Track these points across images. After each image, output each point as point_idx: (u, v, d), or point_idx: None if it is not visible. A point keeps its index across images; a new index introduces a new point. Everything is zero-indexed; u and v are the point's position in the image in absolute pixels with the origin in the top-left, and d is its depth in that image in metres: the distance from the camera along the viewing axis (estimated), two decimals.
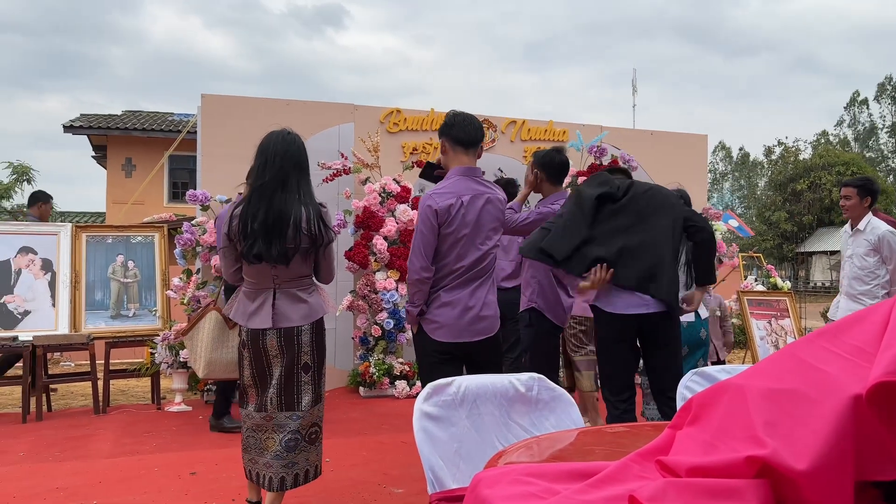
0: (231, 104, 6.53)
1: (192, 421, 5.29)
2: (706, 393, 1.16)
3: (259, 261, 2.73)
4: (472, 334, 3.06)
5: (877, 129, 50.08)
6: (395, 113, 7.08)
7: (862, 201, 4.73)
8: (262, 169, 2.78)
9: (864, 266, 4.67)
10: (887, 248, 4.58)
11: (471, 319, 3.04)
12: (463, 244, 3.02)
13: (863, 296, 4.68)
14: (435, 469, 1.65)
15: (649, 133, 8.23)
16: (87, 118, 18.46)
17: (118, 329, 5.96)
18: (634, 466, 1.11)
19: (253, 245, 2.71)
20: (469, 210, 3.02)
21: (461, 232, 3.00)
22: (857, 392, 0.92)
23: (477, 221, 3.03)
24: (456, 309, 3.03)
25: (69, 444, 4.60)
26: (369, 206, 6.29)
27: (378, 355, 6.27)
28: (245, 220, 2.74)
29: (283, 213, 2.73)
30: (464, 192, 3.05)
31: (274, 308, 2.79)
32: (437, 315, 3.05)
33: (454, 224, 2.99)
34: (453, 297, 3.04)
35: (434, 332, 3.06)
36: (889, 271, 4.61)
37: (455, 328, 3.04)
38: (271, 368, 2.81)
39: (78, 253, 6.01)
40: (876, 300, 4.57)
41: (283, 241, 2.72)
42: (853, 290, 4.75)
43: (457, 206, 3.01)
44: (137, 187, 11.83)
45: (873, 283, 4.64)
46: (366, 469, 4.01)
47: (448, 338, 3.04)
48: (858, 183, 4.81)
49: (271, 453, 2.79)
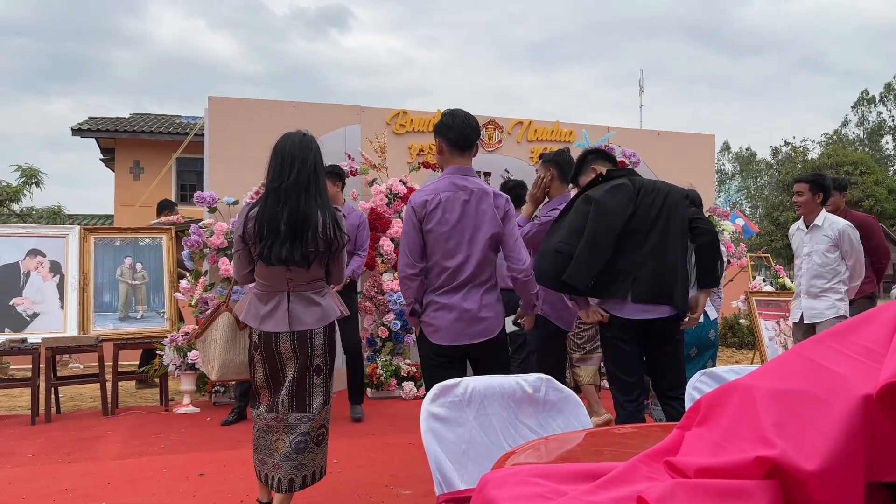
0: (238, 106, 6.56)
1: (200, 422, 5.31)
2: (715, 393, 1.16)
3: (282, 263, 2.73)
4: (470, 337, 3.03)
5: (884, 127, 49.86)
6: (402, 114, 7.09)
7: (814, 197, 4.64)
8: (280, 171, 2.78)
9: (826, 263, 4.56)
10: (847, 243, 4.49)
11: (468, 322, 3.01)
12: (449, 243, 2.99)
13: (825, 293, 4.58)
14: (443, 470, 1.65)
15: (656, 133, 8.22)
16: (95, 121, 18.55)
17: (126, 331, 5.99)
18: (643, 467, 1.10)
19: (272, 246, 2.71)
20: (449, 207, 2.99)
21: (442, 229, 2.97)
22: (867, 392, 0.91)
23: (460, 220, 2.99)
24: (452, 312, 3.01)
25: (78, 446, 4.62)
26: (376, 207, 6.30)
27: (385, 357, 6.28)
28: (262, 221, 2.74)
29: (307, 216, 2.73)
30: (444, 189, 3.02)
31: (289, 311, 2.79)
32: (434, 318, 3.03)
33: (433, 221, 2.97)
34: (448, 300, 3.01)
35: (432, 335, 3.05)
36: (849, 267, 4.53)
37: (451, 331, 3.02)
38: (285, 370, 2.82)
39: (86, 255, 6.04)
40: (838, 296, 4.52)
41: (305, 245, 2.72)
42: (814, 288, 4.63)
43: (433, 202, 2.98)
44: (145, 190, 11.88)
45: (835, 280, 4.54)
46: (373, 470, 4.01)
47: (445, 341, 3.02)
48: (810, 179, 4.73)
49: (280, 454, 2.80)
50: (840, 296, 4.53)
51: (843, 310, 4.53)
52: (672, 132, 8.32)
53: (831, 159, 37.03)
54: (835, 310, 4.54)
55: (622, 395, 3.27)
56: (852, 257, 4.50)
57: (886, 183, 36.68)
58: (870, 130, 50.26)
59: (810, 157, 40.78)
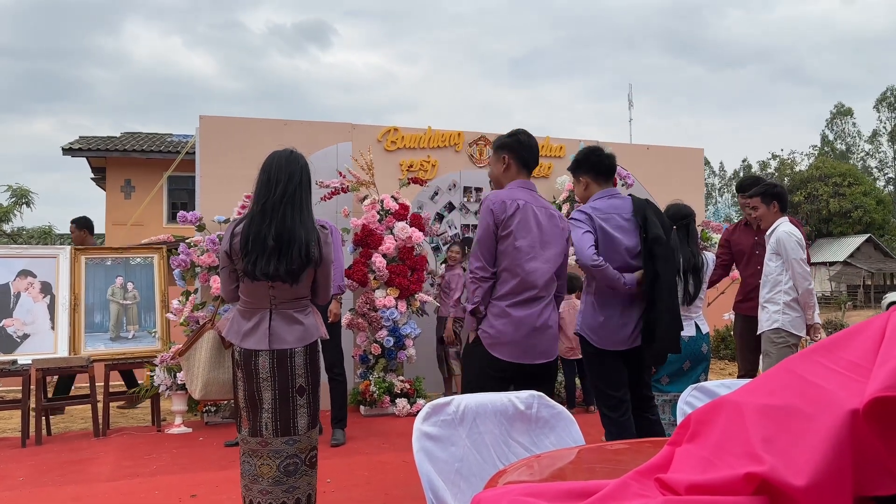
0: (229, 125, 6.57)
1: (192, 443, 5.27)
2: (704, 409, 1.16)
3: (267, 278, 2.71)
4: (534, 356, 2.98)
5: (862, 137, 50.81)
6: (393, 131, 7.12)
7: (769, 207, 4.48)
8: (266, 187, 2.77)
9: (768, 272, 4.39)
10: (783, 249, 4.28)
11: (537, 340, 2.96)
12: (525, 251, 2.97)
13: (767, 303, 4.37)
14: (435, 490, 1.64)
15: (645, 148, 8.27)
16: (86, 140, 18.54)
17: (118, 351, 5.95)
18: (634, 484, 1.10)
19: (257, 262, 2.69)
20: (527, 214, 2.99)
21: (520, 235, 2.96)
22: (853, 407, 0.92)
23: (536, 227, 3.00)
24: (521, 327, 2.95)
25: (69, 468, 4.58)
26: (368, 223, 6.30)
27: (378, 373, 6.25)
28: (248, 237, 2.73)
29: (293, 233, 2.72)
30: (520, 196, 3.04)
31: (270, 329, 2.77)
32: (499, 329, 2.97)
33: (511, 225, 2.96)
34: (519, 313, 2.95)
35: (493, 347, 2.97)
36: (790, 276, 4.27)
37: (518, 348, 2.95)
38: (261, 392, 2.74)
39: (77, 275, 6.01)
40: (776, 307, 4.29)
41: (291, 261, 2.71)
42: (762, 297, 4.45)
43: (511, 206, 2.98)
44: (137, 209, 11.85)
45: (776, 290, 4.32)
46: (367, 489, 3.99)
47: (509, 357, 2.95)
48: (761, 191, 4.57)
49: (267, 480, 2.74)
50: (778, 307, 4.30)
51: (779, 322, 4.28)
52: (661, 146, 8.38)
53: (819, 171, 37.30)
54: (770, 322, 4.33)
55: (610, 410, 3.27)
56: (789, 263, 4.26)
57: (874, 194, 36.98)
58: (846, 144, 51.06)
59: (798, 169, 41.07)
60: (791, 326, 4.27)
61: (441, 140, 7.29)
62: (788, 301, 4.29)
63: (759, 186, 4.69)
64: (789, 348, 4.26)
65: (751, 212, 4.80)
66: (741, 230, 5.23)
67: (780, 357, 4.17)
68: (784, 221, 4.42)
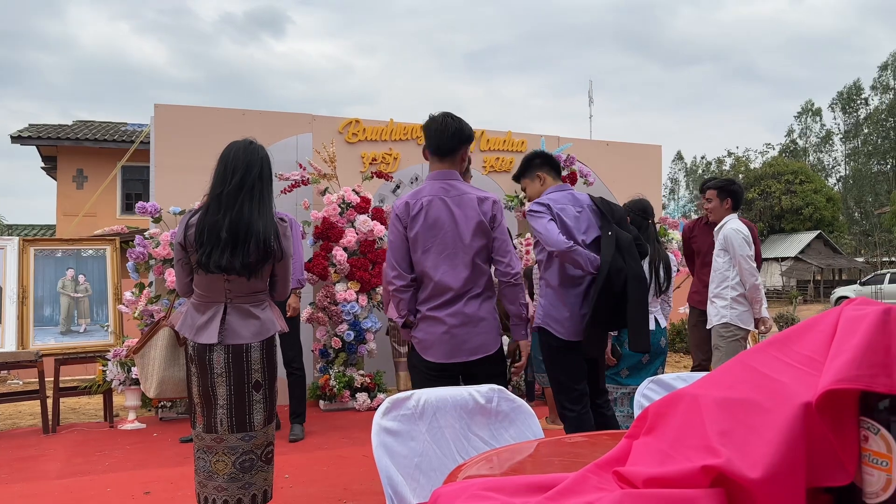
0: (185, 114, 6.43)
1: (145, 439, 5.16)
2: (662, 402, 1.17)
3: (222, 271, 2.64)
4: (467, 354, 2.89)
5: (832, 136, 52.36)
6: (354, 123, 7.06)
7: (722, 203, 4.58)
8: (223, 178, 2.70)
9: (716, 267, 4.48)
10: (730, 245, 4.36)
11: (462, 338, 2.86)
12: (436, 251, 2.86)
13: (716, 298, 4.46)
14: (394, 485, 1.63)
15: (605, 144, 8.36)
16: (35, 128, 17.96)
17: (68, 345, 5.79)
18: (592, 478, 1.11)
19: (211, 254, 2.62)
20: (431, 212, 2.86)
21: (427, 235, 2.85)
22: (807, 400, 0.94)
23: (448, 223, 2.86)
24: (443, 326, 2.87)
25: (17, 466, 4.44)
26: (328, 216, 6.23)
27: (338, 368, 6.21)
28: (202, 228, 2.65)
29: (250, 225, 2.65)
30: (426, 194, 2.90)
31: (223, 323, 2.68)
32: (425, 333, 2.90)
33: (416, 226, 2.86)
34: (440, 314, 2.87)
35: (424, 351, 2.91)
36: (737, 272, 4.35)
37: (444, 347, 2.87)
38: (215, 388, 2.67)
39: (25, 267, 5.82)
40: (723, 302, 4.38)
41: (247, 253, 2.64)
42: (710, 292, 4.53)
43: (415, 207, 2.87)
44: (89, 199, 11.54)
45: (722, 286, 4.41)
46: (326, 484, 3.96)
47: (439, 358, 2.88)
48: (718, 185, 4.66)
49: (223, 476, 2.69)
50: (726, 302, 4.38)
51: (727, 317, 4.37)
52: (620, 143, 8.49)
53: (773, 168, 38.23)
54: (718, 317, 4.41)
55: (570, 402, 3.30)
56: (735, 259, 4.34)
57: (825, 191, 38.07)
58: (817, 143, 52.63)
59: (753, 166, 42.05)
60: (739, 321, 4.37)
61: (403, 133, 7.25)
62: (736, 296, 4.38)
63: (719, 180, 4.79)
64: (738, 342, 4.38)
65: (707, 204, 4.89)
66: (700, 228, 5.33)
67: (729, 350, 4.28)
68: (733, 219, 4.51)
